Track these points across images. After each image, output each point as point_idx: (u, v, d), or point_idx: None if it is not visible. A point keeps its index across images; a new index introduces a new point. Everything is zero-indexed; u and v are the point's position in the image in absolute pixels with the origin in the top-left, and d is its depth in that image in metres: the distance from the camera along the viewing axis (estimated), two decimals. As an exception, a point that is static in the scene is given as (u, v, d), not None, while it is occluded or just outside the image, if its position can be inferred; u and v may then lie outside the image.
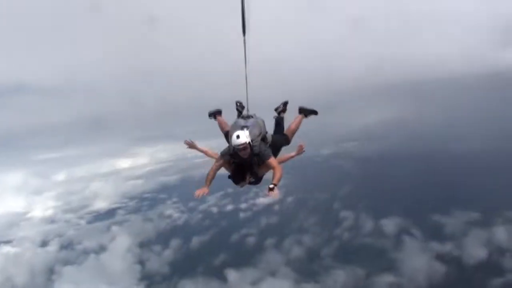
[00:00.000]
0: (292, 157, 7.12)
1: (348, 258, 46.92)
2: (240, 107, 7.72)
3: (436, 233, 47.19)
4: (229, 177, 6.64)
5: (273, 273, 46.84)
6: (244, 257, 49.64)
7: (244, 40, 6.17)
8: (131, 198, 71.37)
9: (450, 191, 52.33)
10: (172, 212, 64.01)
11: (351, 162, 68.46)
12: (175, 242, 54.94)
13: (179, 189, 72.35)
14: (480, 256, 43.05)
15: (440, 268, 43.23)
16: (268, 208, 61.51)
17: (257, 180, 6.73)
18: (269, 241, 52.18)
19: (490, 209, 47.85)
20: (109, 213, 66.37)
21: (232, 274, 46.88)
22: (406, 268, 43.80)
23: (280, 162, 6.94)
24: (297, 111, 7.66)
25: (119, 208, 68.06)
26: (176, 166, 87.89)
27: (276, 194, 5.80)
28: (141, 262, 51.38)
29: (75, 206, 69.37)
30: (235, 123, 6.96)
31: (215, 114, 7.81)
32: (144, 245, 55.27)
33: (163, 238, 56.55)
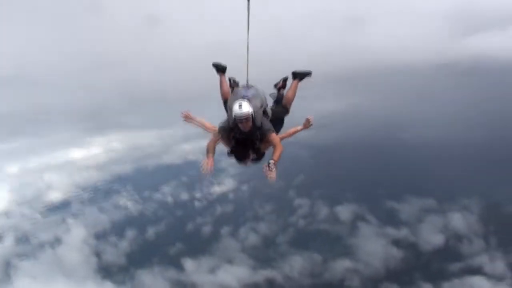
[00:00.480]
0: (298, 131, 6.95)
1: (304, 244, 48.88)
2: (234, 84, 7.27)
3: (391, 220, 49.51)
4: (229, 153, 6.39)
5: (229, 261, 48.14)
6: (200, 246, 50.85)
7: (248, 2, 5.94)
8: (85, 188, 70.73)
9: (406, 179, 54.88)
10: (127, 202, 63.84)
11: (306, 150, 70.33)
12: (130, 233, 55.18)
13: (133, 179, 72.27)
14: (437, 242, 45.43)
15: (396, 253, 45.33)
16: (223, 196, 62.98)
17: (259, 156, 6.47)
18: (225, 230, 53.59)
19: (446, 196, 50.49)
20: (64, 205, 65.64)
21: (188, 263, 48.04)
22: (362, 253, 45.92)
23: (286, 137, 6.92)
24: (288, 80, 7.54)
25: (73, 199, 67.30)
26: (130, 156, 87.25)
27: (274, 174, 5.66)
28: (97, 254, 51.47)
29: (29, 198, 67.52)
30: (235, 92, 6.64)
31: (219, 69, 7.12)
32: (99, 236, 55.19)
33: (118, 228, 56.60)
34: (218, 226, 54.90)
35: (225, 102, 6.80)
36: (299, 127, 6.87)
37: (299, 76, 7.22)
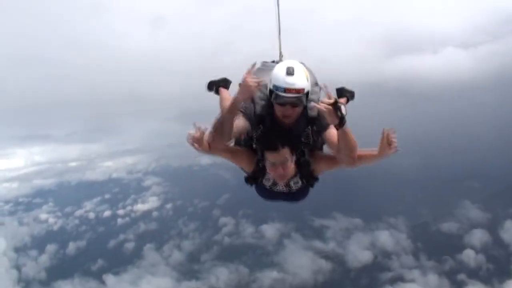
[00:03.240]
0: (376, 157, 3.60)
1: (230, 258, 52.23)
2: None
3: (318, 236, 53.34)
4: (249, 179, 4.07)
5: (152, 273, 51.00)
6: (122, 263, 53.28)
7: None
8: (6, 201, 71.97)
9: (332, 197, 56.14)
10: (48, 216, 65.61)
11: (229, 171, 72.16)
12: (51, 247, 56.87)
13: (55, 194, 74.49)
14: (365, 258, 48.81)
15: (325, 266, 48.61)
16: (146, 214, 66.71)
17: (309, 179, 4.00)
18: (148, 247, 56.47)
19: (372, 215, 54.79)
20: (-16, 217, 64.87)
21: (110, 279, 50.35)
22: (290, 265, 49.35)
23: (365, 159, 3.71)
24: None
25: (-6, 210, 66.88)
26: (52, 169, 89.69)
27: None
28: (17, 267, 52.66)
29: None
30: (263, 66, 4.57)
31: (220, 85, 5.32)
32: (19, 249, 56.50)
33: (39, 243, 58.20)
34: (141, 243, 57.66)
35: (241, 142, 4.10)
36: (375, 151, 3.59)
37: (346, 94, 5.06)
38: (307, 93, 3.65)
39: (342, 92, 5.33)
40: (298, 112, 3.74)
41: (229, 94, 5.10)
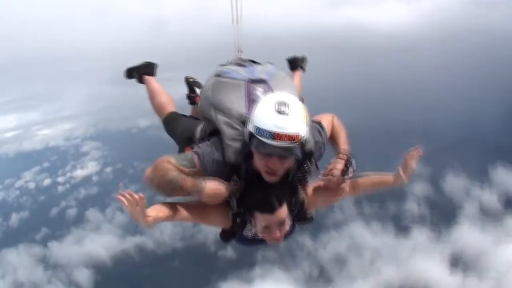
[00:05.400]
0: (387, 183, 3.48)
1: None
2: (194, 85, 4.80)
3: None
4: (225, 235, 3.60)
5: (96, 232, 54.52)
6: (66, 229, 56.16)
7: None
8: None
9: None
10: None
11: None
12: None
13: None
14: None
15: None
16: (87, 180, 69.40)
17: (301, 223, 3.60)
18: (91, 211, 59.21)
19: None
20: None
21: (55, 245, 53.43)
22: None
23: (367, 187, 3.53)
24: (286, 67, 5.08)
25: None
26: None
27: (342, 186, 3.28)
28: None
29: None
30: (219, 74, 3.61)
31: (143, 72, 4.68)
32: None
33: None
34: (83, 208, 60.50)
35: (169, 121, 4.16)
36: (389, 178, 3.43)
37: (300, 63, 5.04)
38: (303, 142, 2.86)
39: (295, 63, 5.02)
40: (287, 167, 2.97)
41: (158, 84, 4.48)
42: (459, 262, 45.04)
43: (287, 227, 3.12)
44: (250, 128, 2.86)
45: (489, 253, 44.83)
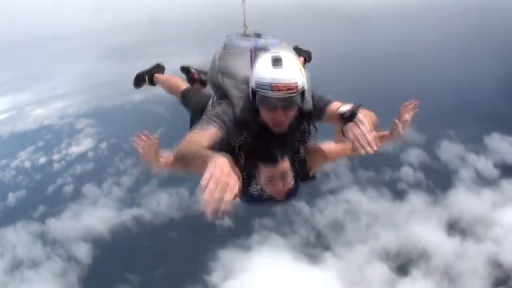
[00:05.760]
0: (387, 138, 3.80)
1: (170, 184, 55.07)
2: (198, 74, 5.02)
3: None
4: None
5: (93, 205, 54.97)
6: (63, 205, 56.31)
7: None
8: None
9: None
10: None
11: (162, 106, 75.59)
12: None
13: None
14: None
15: None
16: (82, 156, 69.41)
17: (304, 182, 3.77)
18: (87, 187, 59.36)
19: None
20: None
21: (53, 222, 53.57)
22: None
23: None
24: None
25: None
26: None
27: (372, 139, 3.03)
28: None
29: None
30: (231, 46, 3.95)
31: (154, 72, 5.20)
32: None
33: None
34: (79, 184, 60.61)
35: (183, 98, 4.62)
36: (386, 132, 3.78)
37: (303, 54, 5.04)
38: (303, 92, 3.07)
39: (298, 51, 4.95)
40: (292, 117, 3.16)
41: (167, 75, 4.62)
42: (456, 226, 45.32)
43: (289, 180, 3.33)
44: (252, 85, 3.15)
45: (486, 217, 45.12)
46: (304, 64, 4.92)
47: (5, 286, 47.40)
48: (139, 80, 5.36)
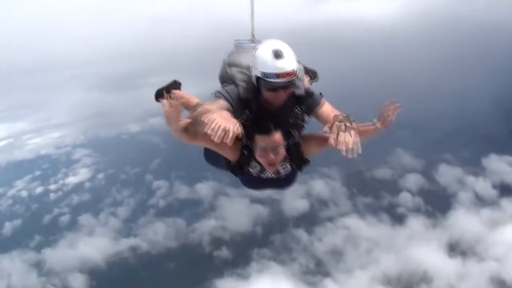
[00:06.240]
0: (372, 131, 3.66)
1: (167, 215, 55.82)
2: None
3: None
4: (233, 168, 4.11)
5: (89, 234, 54.56)
6: (59, 235, 55.98)
7: None
8: None
9: None
10: None
11: (159, 137, 77.64)
12: None
13: None
14: (302, 207, 52.46)
15: (262, 210, 52.50)
16: (79, 186, 69.24)
17: (299, 166, 4.11)
18: (83, 217, 58.98)
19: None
20: None
21: (49, 251, 53.00)
22: (227, 213, 53.12)
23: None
24: None
25: None
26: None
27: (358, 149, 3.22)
28: None
29: None
30: (237, 45, 4.65)
31: (172, 88, 5.05)
32: None
33: None
34: (75, 215, 60.25)
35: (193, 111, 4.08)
36: (371, 126, 3.63)
37: (309, 73, 5.14)
38: (298, 74, 3.65)
39: (306, 71, 5.08)
40: (290, 94, 3.70)
41: (187, 93, 4.83)
42: (457, 247, 45.07)
43: (281, 152, 3.69)
44: (257, 73, 3.61)
45: (487, 236, 45.02)
46: (311, 83, 5.29)
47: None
48: (159, 96, 5.27)
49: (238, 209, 52.74)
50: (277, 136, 3.62)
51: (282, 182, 4.35)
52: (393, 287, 42.17)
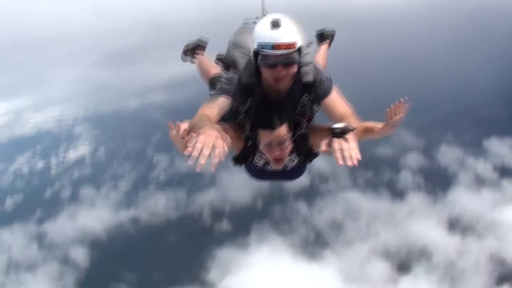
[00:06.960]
0: (378, 131, 3.49)
1: (167, 187, 56.23)
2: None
3: None
4: (237, 159, 4.00)
5: (89, 206, 55.29)
6: (61, 209, 56.30)
7: None
8: None
9: None
10: None
11: (160, 111, 77.88)
12: None
13: None
14: (302, 183, 50.15)
15: (263, 184, 47.98)
16: (80, 161, 69.18)
17: (307, 158, 3.96)
18: (84, 191, 59.44)
19: None
20: None
21: (50, 224, 53.48)
22: (229, 185, 53.01)
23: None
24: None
25: None
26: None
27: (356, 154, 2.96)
28: None
29: None
30: (244, 26, 4.41)
31: (195, 49, 5.08)
32: None
33: None
34: (76, 189, 60.44)
35: (211, 82, 4.50)
36: (379, 125, 3.48)
37: (328, 37, 5.27)
38: (300, 49, 3.27)
39: (323, 36, 5.27)
40: (292, 74, 3.36)
41: (208, 61, 4.75)
42: (457, 224, 45.23)
43: (286, 146, 3.48)
44: (254, 46, 3.36)
45: (487, 215, 45.07)
46: (329, 45, 5.34)
47: (1, 287, 47.15)
48: (185, 55, 5.34)
49: (239, 182, 51.95)
50: (282, 130, 3.42)
51: (289, 174, 4.24)
52: (392, 260, 42.49)
